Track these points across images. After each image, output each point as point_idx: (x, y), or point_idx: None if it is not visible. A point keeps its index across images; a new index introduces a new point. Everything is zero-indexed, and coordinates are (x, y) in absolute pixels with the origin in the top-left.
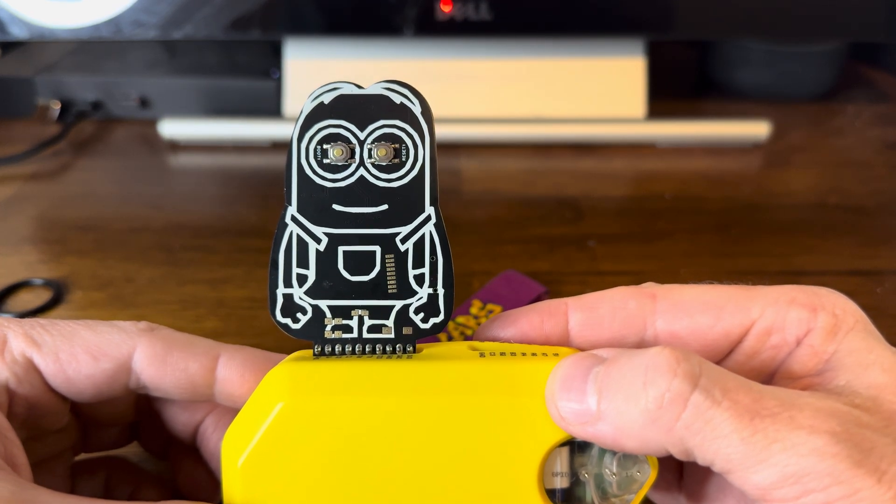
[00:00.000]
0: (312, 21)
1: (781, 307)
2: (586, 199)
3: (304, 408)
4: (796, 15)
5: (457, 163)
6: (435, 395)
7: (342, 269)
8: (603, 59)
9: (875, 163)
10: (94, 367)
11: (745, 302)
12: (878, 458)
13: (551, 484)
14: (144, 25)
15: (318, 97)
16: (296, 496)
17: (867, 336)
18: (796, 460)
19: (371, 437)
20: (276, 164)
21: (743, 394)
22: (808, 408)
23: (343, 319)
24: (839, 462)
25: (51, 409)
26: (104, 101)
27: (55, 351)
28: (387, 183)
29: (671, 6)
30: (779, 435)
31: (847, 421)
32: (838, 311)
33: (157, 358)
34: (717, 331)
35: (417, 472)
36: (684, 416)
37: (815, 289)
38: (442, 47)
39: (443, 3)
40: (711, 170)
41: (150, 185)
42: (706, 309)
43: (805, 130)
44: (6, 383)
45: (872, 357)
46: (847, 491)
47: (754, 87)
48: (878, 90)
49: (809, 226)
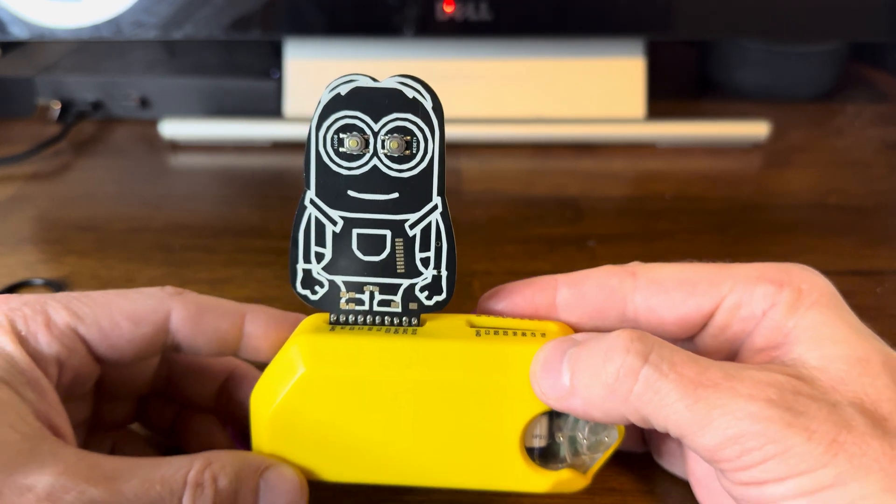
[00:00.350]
0: (313, 21)
1: (750, 283)
2: (586, 199)
3: (321, 375)
4: (796, 15)
5: (457, 163)
6: (436, 370)
7: (356, 249)
8: (603, 59)
9: (875, 163)
10: (135, 332)
11: (717, 279)
12: (809, 419)
13: (531, 443)
14: (145, 25)
15: (335, 88)
16: (313, 444)
17: (828, 311)
18: (735, 423)
19: (378, 401)
20: (277, 164)
21: (689, 367)
22: (748, 379)
23: (356, 294)
24: (772, 424)
25: (89, 376)
26: (104, 101)
27: (97, 321)
28: (398, 173)
29: (671, 6)
30: (720, 402)
31: (784, 389)
32: (804, 286)
33: (191, 319)
34: (690, 305)
35: (419, 432)
36: (636, 388)
37: (785, 265)
38: (442, 47)
39: (445, 4)
40: (711, 170)
41: (150, 186)
42: (680, 285)
43: (805, 130)
44: (57, 356)
45: (827, 331)
46: (780, 448)
47: (754, 88)
48: (878, 90)
49: (809, 226)
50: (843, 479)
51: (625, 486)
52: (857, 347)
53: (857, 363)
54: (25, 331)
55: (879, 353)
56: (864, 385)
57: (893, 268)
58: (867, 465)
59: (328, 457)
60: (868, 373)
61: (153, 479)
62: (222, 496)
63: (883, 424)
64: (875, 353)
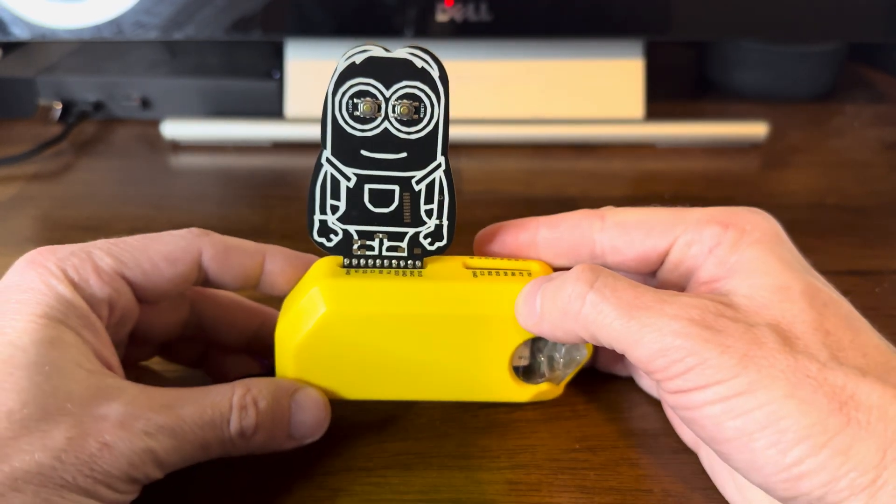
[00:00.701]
0: (313, 22)
1: (700, 225)
2: (586, 199)
3: (340, 313)
4: (795, 15)
5: (457, 163)
6: (440, 307)
7: (367, 202)
8: (602, 60)
9: (874, 163)
10: (173, 272)
11: (672, 221)
12: (725, 336)
13: (517, 363)
14: (146, 26)
15: (350, 57)
16: (333, 370)
17: (765, 248)
18: (660, 339)
19: (389, 334)
20: (278, 164)
21: (627, 292)
22: (677, 302)
23: (367, 241)
24: (691, 339)
25: (131, 318)
26: (106, 101)
27: (139, 264)
28: (407, 135)
29: (670, 8)
30: (649, 321)
31: (707, 311)
32: (748, 227)
33: (219, 257)
34: (648, 245)
35: (424, 357)
36: (584, 309)
37: (734, 208)
38: (442, 48)
39: (446, 2)
40: (710, 170)
41: (151, 186)
42: (640, 227)
43: (804, 131)
44: (108, 299)
45: (760, 265)
46: (698, 360)
47: (753, 88)
48: (877, 90)
49: (808, 226)
50: (752, 388)
51: (625, 485)
52: (781, 278)
53: (779, 291)
54: (77, 277)
55: (801, 282)
56: (783, 310)
57: (892, 268)
58: (773, 375)
59: (346, 380)
60: (787, 299)
61: (204, 404)
62: (263, 416)
63: (793, 342)
64: (797, 282)
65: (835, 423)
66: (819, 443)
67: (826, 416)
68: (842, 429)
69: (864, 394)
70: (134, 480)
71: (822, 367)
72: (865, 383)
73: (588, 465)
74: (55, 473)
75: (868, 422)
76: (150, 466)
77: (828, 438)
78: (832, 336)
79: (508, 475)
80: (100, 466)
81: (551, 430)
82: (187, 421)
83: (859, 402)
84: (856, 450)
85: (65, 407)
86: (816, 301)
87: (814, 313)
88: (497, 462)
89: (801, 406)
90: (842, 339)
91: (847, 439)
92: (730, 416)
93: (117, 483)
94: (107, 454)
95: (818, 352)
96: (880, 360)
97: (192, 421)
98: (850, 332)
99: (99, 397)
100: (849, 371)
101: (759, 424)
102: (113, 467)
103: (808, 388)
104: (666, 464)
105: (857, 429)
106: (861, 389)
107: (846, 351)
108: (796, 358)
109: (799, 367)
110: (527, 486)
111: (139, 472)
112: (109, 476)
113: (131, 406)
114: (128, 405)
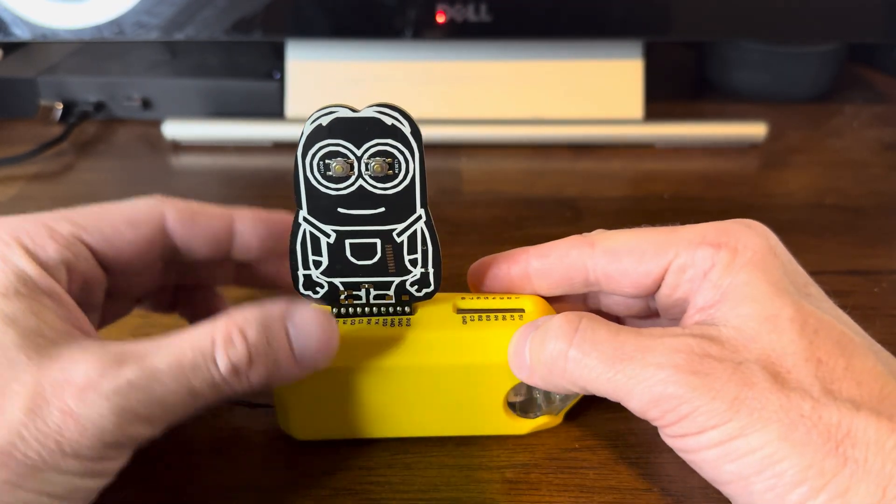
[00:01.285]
0: (314, 23)
1: (692, 247)
2: (585, 199)
3: (327, 370)
4: (794, 16)
5: (457, 163)
6: (429, 357)
7: (350, 255)
8: (601, 60)
9: (873, 163)
10: (135, 235)
11: (664, 245)
12: (714, 380)
13: (513, 400)
14: (147, 27)
15: (316, 120)
16: (329, 417)
17: (755, 270)
18: (649, 390)
19: (382, 383)
20: (278, 164)
21: (608, 345)
22: (660, 347)
23: (354, 291)
24: (680, 387)
25: (98, 284)
26: (106, 101)
27: (99, 227)
28: (383, 190)
29: (669, 8)
30: (635, 373)
31: (691, 354)
32: (739, 246)
33: (186, 219)
34: (641, 271)
35: (418, 402)
36: (568, 366)
37: (726, 224)
38: (442, 49)
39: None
40: (709, 170)
41: (152, 186)
42: (631, 254)
43: (803, 131)
44: (66, 262)
45: (749, 290)
46: (690, 408)
47: (752, 88)
48: (876, 91)
49: (807, 226)
50: (745, 431)
51: (624, 484)
52: (770, 305)
53: (767, 321)
54: (32, 244)
55: (790, 308)
56: (772, 341)
57: (891, 268)
58: (766, 417)
59: (342, 424)
60: (775, 329)
61: (183, 347)
62: (256, 347)
63: (784, 378)
64: (786, 308)
65: (832, 464)
66: (817, 486)
67: (822, 458)
68: (839, 470)
69: (860, 430)
70: (115, 445)
71: (815, 405)
72: (860, 418)
73: (587, 465)
74: (17, 452)
75: (865, 459)
76: (133, 427)
77: (825, 482)
78: (824, 366)
79: (508, 474)
80: (66, 437)
81: (551, 430)
82: (162, 369)
83: (856, 439)
84: (854, 491)
85: (19, 378)
86: (807, 328)
87: (804, 342)
88: (497, 461)
89: (797, 448)
90: (835, 367)
91: (844, 481)
92: (726, 460)
93: (91, 452)
94: (71, 423)
95: (811, 386)
96: (875, 388)
97: (168, 368)
98: (844, 357)
99: (61, 361)
100: (842, 406)
101: (755, 468)
102: (82, 436)
103: (802, 429)
104: (666, 464)
105: (854, 468)
106: (856, 425)
107: (840, 381)
108: (789, 396)
109: (792, 407)
110: (526, 486)
111: (119, 436)
112: (80, 446)
113: (97, 364)
114: (92, 365)
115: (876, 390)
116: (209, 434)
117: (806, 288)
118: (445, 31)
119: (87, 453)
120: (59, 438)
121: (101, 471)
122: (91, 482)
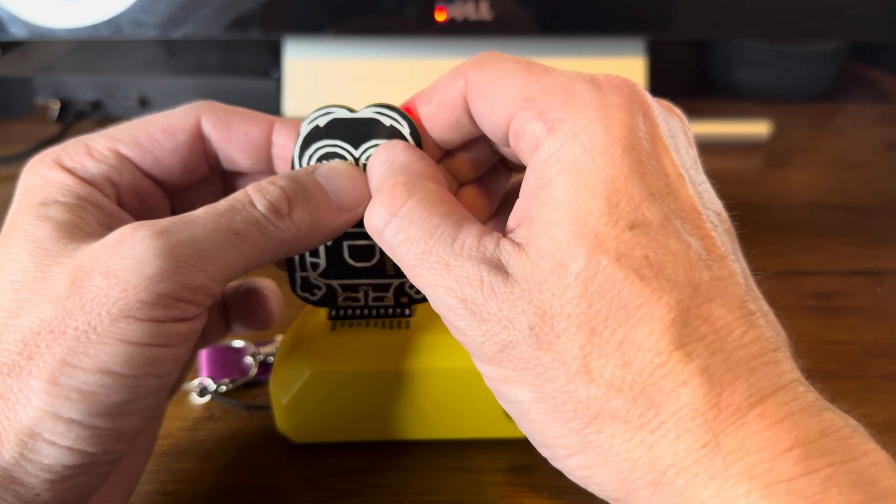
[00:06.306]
0: (312, 21)
1: (526, 114)
2: None
3: (324, 373)
4: (796, 15)
5: None
6: (426, 361)
7: (347, 258)
8: (604, 58)
9: (875, 163)
10: (173, 141)
11: (517, 90)
12: (489, 326)
13: None
14: (144, 25)
15: (313, 121)
16: (327, 421)
17: (577, 183)
18: (438, 307)
19: (378, 387)
20: None
21: (419, 243)
22: (455, 271)
23: (352, 293)
24: (461, 321)
25: (153, 198)
26: (104, 100)
27: (135, 139)
28: None
29: (671, 6)
30: (428, 285)
31: (476, 289)
32: (572, 133)
33: (222, 123)
34: (495, 121)
35: (416, 404)
36: (385, 234)
37: (577, 90)
38: (442, 47)
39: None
40: (712, 169)
41: None
42: (489, 95)
43: (805, 130)
44: (108, 176)
45: (556, 213)
46: (465, 339)
47: (754, 87)
48: (879, 90)
49: (810, 225)
50: (510, 380)
51: None
52: (565, 250)
53: (555, 270)
54: (71, 163)
55: (581, 260)
56: (552, 297)
57: (894, 268)
58: (523, 379)
59: (340, 427)
60: (559, 283)
61: (219, 203)
62: (289, 189)
63: (548, 343)
64: (576, 261)
65: (574, 442)
66: (559, 458)
67: (566, 434)
68: (580, 450)
69: (608, 416)
70: (171, 297)
71: (567, 382)
72: (612, 404)
73: None
74: (67, 327)
75: (609, 447)
76: (182, 274)
77: (569, 454)
78: (597, 336)
79: (508, 476)
80: (112, 297)
81: None
82: (200, 214)
83: (602, 425)
84: (598, 475)
85: (59, 261)
86: (592, 288)
87: (583, 306)
88: (497, 463)
89: (547, 415)
90: (608, 340)
91: (587, 461)
92: (499, 397)
93: (143, 308)
94: (114, 280)
95: (572, 360)
96: (645, 367)
97: (206, 213)
98: (624, 328)
99: (97, 242)
100: (597, 387)
101: (517, 417)
102: (126, 291)
103: (552, 402)
104: None
105: (595, 454)
106: (605, 411)
107: (606, 358)
108: (545, 367)
109: (547, 378)
110: (527, 488)
111: (170, 285)
112: (128, 305)
113: (130, 226)
114: (127, 228)
115: (646, 370)
116: (208, 436)
117: (661, 196)
118: (445, 30)
119: (138, 311)
120: (104, 299)
121: (165, 333)
122: (156, 350)
